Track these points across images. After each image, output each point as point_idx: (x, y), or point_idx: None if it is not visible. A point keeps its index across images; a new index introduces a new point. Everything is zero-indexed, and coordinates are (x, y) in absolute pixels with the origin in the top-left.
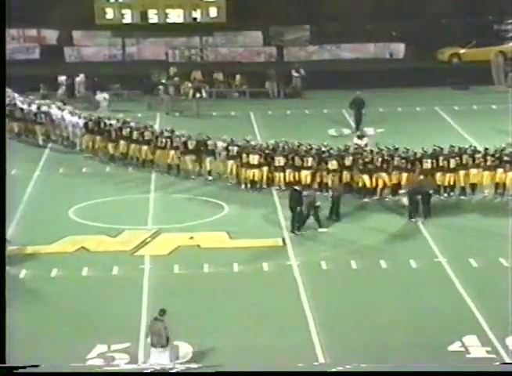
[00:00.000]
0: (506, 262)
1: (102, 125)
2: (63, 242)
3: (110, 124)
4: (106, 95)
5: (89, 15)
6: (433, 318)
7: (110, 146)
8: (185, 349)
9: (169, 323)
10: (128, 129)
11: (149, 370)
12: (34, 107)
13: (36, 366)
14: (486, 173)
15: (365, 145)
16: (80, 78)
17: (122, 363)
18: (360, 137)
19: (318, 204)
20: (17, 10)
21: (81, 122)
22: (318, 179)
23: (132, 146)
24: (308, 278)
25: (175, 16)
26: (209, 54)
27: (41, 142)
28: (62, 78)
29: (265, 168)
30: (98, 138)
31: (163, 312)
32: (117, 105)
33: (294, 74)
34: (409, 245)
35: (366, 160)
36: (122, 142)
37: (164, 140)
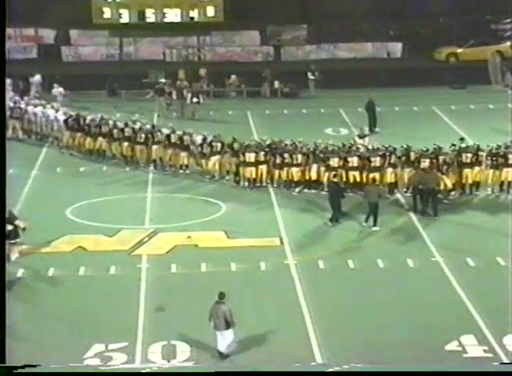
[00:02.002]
0: (503, 261)
1: (81, 122)
2: (61, 241)
3: (90, 121)
4: (61, 89)
5: (87, 14)
6: (430, 317)
7: (88, 142)
8: (183, 348)
9: (167, 322)
10: (107, 127)
11: (146, 370)
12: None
13: (36, 366)
14: (491, 171)
15: (367, 144)
16: (36, 79)
17: (119, 362)
18: (361, 136)
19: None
20: (14, 9)
21: (62, 118)
22: (315, 176)
23: (115, 143)
24: (306, 277)
25: (173, 15)
26: (206, 53)
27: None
28: (8, 81)
29: (264, 166)
30: (78, 134)
31: (223, 295)
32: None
33: (310, 76)
34: (406, 244)
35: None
36: (100, 139)
37: (143, 135)
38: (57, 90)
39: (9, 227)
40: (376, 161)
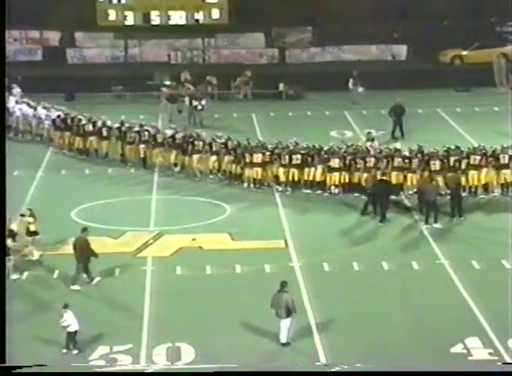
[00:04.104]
0: (508, 263)
1: (69, 121)
2: (66, 243)
3: (79, 120)
4: (19, 90)
5: (92, 16)
6: (435, 320)
7: (77, 141)
8: (188, 350)
9: (171, 324)
10: (91, 125)
11: (149, 370)
12: None
13: (36, 366)
14: (498, 173)
15: (377, 147)
16: None
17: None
18: (371, 139)
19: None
20: (20, 11)
21: (51, 117)
22: (318, 178)
23: (104, 142)
24: (311, 280)
25: (178, 17)
26: (211, 56)
27: None
28: None
29: (268, 167)
30: (67, 133)
31: (285, 283)
32: (119, 107)
33: (351, 86)
34: (411, 247)
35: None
36: (91, 138)
37: (133, 135)
38: (16, 91)
39: (32, 227)
40: (371, 162)
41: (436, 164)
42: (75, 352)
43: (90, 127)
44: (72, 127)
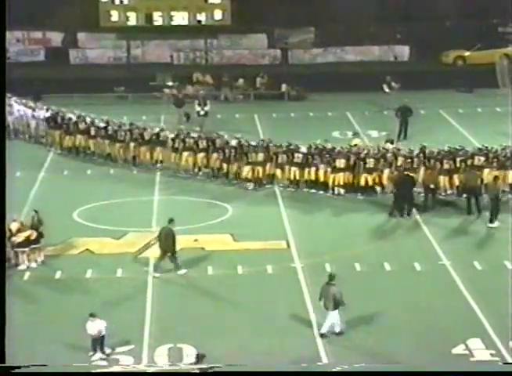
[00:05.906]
0: (510, 264)
1: (60, 120)
2: (68, 244)
3: (69, 119)
4: None
5: (94, 17)
6: (437, 321)
7: (67, 140)
8: (190, 351)
9: (173, 325)
10: (83, 124)
11: (150, 370)
12: None
13: (36, 366)
14: (499, 173)
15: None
16: None
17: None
18: (391, 142)
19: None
20: (22, 12)
21: (44, 116)
22: (322, 178)
23: (92, 140)
24: (313, 280)
25: (180, 18)
26: (214, 56)
27: None
28: None
29: (268, 166)
30: (57, 132)
31: (332, 276)
32: (122, 108)
33: (386, 89)
34: (413, 248)
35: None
36: (79, 137)
37: (123, 133)
38: None
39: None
40: (371, 163)
41: (446, 164)
42: (99, 355)
43: (81, 126)
44: (62, 125)
